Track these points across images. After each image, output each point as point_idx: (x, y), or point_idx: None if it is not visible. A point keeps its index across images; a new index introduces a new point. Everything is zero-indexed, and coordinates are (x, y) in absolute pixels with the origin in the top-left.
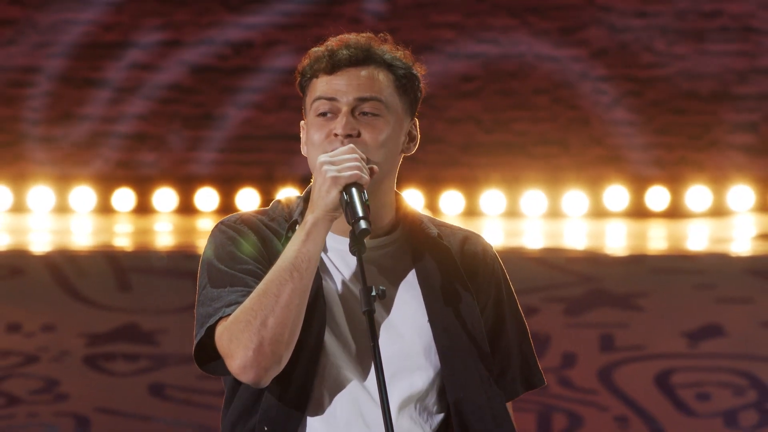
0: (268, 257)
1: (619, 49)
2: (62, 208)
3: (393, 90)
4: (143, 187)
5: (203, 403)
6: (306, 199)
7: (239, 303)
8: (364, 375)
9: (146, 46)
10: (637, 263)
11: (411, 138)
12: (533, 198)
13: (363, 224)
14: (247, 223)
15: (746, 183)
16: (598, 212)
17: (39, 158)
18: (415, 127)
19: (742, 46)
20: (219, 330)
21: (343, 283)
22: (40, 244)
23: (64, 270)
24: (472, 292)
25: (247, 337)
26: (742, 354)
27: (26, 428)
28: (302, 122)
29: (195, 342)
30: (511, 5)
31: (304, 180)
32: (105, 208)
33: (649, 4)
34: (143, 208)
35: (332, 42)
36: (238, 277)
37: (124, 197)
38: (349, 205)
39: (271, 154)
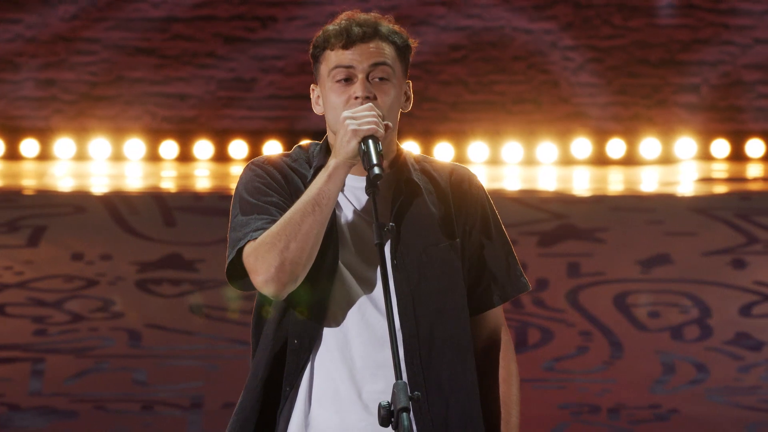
0: (289, 191)
1: (584, 23)
2: (117, 157)
3: (395, 57)
4: (185, 138)
5: (234, 319)
6: (325, 147)
7: (265, 229)
8: (370, 291)
9: (187, 20)
10: (599, 203)
11: (407, 97)
12: (512, 148)
13: (376, 170)
14: (272, 163)
15: (690, 135)
16: (566, 160)
17: (98, 114)
18: (410, 87)
19: (685, 20)
20: (247, 250)
21: (354, 214)
22: (99, 186)
23: (119, 208)
24: (447, 221)
25: (271, 256)
26: (686, 278)
27: (88, 341)
28: (312, 85)
29: (227, 261)
30: None
31: (319, 133)
32: (153, 157)
33: None
34: (185, 157)
35: (344, 18)
36: (264, 208)
37: (169, 147)
38: (365, 154)
39: (292, 111)
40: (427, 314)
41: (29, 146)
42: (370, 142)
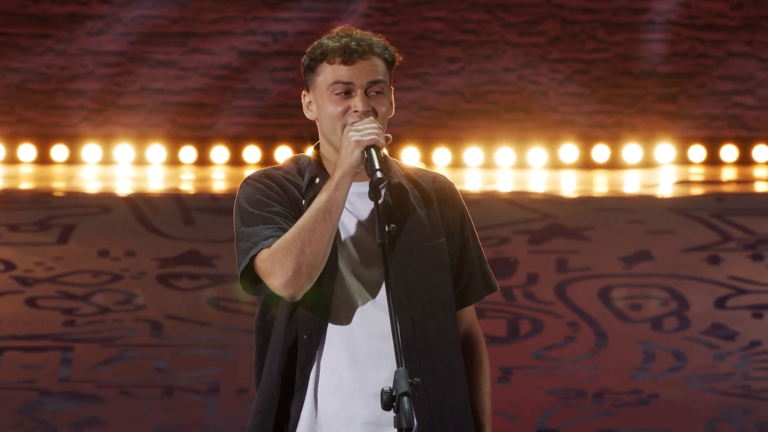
0: (288, 200)
1: (570, 37)
2: (140, 161)
3: (385, 72)
4: (203, 144)
5: (247, 311)
6: (316, 154)
7: (274, 237)
8: (369, 287)
9: (205, 35)
10: (585, 204)
11: (391, 104)
12: (504, 153)
13: (378, 174)
14: (269, 176)
15: (669, 141)
16: (555, 164)
17: (122, 122)
18: (391, 93)
19: (664, 35)
20: (262, 256)
21: (349, 218)
22: (123, 188)
23: (142, 208)
24: (434, 222)
25: (288, 261)
26: (666, 273)
27: (113, 331)
28: (304, 92)
29: (241, 269)
30: (486, 3)
31: None
32: (173, 161)
33: (592, 2)
34: (203, 161)
35: (342, 34)
36: (269, 218)
37: (187, 152)
38: (368, 161)
39: (300, 118)
40: (421, 307)
41: (59, 151)
42: (372, 150)
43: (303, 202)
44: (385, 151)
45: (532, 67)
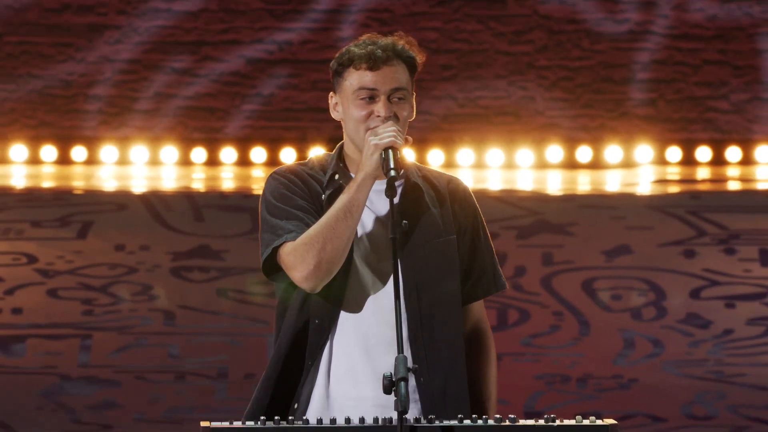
0: (310, 194)
1: (556, 46)
2: (154, 162)
3: (409, 77)
4: (213, 146)
5: (254, 302)
6: (338, 152)
7: (297, 231)
8: (381, 278)
9: (215, 44)
10: (570, 201)
11: (412, 107)
12: (494, 154)
13: (393, 172)
14: (293, 172)
15: (647, 143)
16: (542, 164)
17: (138, 125)
18: (414, 98)
19: (644, 44)
20: (286, 250)
21: (369, 213)
22: (138, 187)
23: (155, 206)
24: (446, 220)
25: (310, 256)
26: (645, 266)
27: (129, 320)
28: (331, 93)
29: (263, 258)
30: (478, 15)
31: (329, 140)
32: (185, 161)
33: (577, 13)
34: (213, 161)
35: (368, 42)
36: (292, 213)
37: (198, 153)
38: (385, 160)
39: (305, 122)
40: (429, 298)
41: (79, 152)
42: (390, 151)
43: (323, 196)
44: (404, 152)
45: (520, 73)
